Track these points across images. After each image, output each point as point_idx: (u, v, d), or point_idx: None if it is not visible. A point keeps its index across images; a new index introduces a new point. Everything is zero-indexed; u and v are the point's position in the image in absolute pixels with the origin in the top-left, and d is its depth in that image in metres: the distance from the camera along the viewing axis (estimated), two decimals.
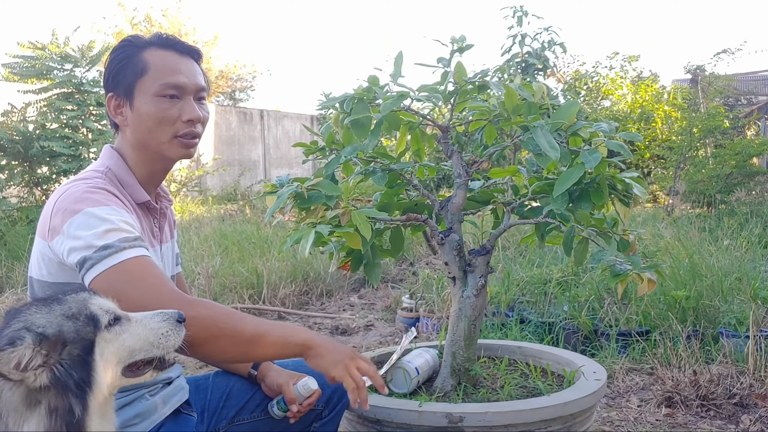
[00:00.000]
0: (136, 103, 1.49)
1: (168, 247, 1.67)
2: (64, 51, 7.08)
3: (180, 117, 1.50)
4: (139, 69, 1.49)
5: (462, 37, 1.88)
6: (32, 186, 6.95)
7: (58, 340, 1.03)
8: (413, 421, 1.68)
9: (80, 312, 1.08)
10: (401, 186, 2.04)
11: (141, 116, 1.49)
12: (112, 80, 1.52)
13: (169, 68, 1.50)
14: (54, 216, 1.35)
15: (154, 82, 1.49)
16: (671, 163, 8.92)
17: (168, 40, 1.55)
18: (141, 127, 1.50)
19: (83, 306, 1.10)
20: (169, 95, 1.50)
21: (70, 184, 1.41)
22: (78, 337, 1.05)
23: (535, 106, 1.81)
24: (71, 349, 1.03)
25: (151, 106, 1.49)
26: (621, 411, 2.69)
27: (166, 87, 1.49)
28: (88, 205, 1.33)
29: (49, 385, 1.00)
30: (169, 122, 1.50)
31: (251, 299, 4.78)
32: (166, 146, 1.52)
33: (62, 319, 1.05)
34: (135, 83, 1.49)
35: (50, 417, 1.00)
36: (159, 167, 1.57)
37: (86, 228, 1.30)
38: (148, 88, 1.49)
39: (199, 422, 1.63)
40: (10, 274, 5.21)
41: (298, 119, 17.30)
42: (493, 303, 3.82)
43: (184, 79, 1.51)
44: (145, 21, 19.21)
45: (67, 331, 1.04)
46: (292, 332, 1.42)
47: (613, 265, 1.83)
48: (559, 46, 8.88)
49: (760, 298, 3.44)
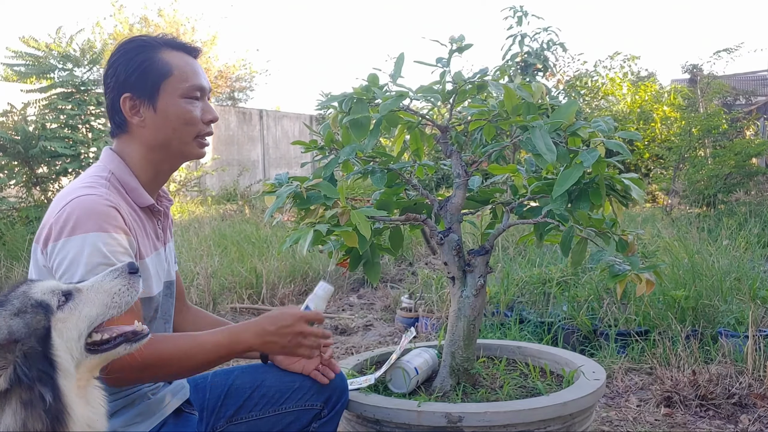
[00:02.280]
0: (161, 104, 1.51)
1: (170, 247, 1.69)
2: (66, 50, 7.07)
3: (202, 118, 1.56)
4: (164, 71, 1.51)
5: (461, 37, 1.88)
6: (31, 186, 6.94)
7: (10, 340, 1.03)
8: (412, 421, 1.68)
9: (25, 305, 1.08)
10: (400, 185, 2.04)
11: (167, 117, 1.52)
12: (125, 81, 1.51)
13: (191, 70, 1.55)
14: (54, 225, 1.36)
15: (181, 83, 1.52)
16: (670, 163, 8.92)
17: (178, 42, 1.58)
18: (165, 128, 1.52)
19: (26, 298, 1.09)
20: (194, 97, 1.55)
21: (75, 194, 1.40)
22: (30, 330, 1.05)
23: (534, 106, 1.81)
24: (24, 344, 1.03)
25: (179, 107, 1.52)
26: (620, 411, 2.69)
27: (193, 89, 1.54)
28: (88, 228, 1.34)
29: (10, 385, 1.00)
30: (194, 123, 1.55)
31: (250, 299, 4.78)
32: (189, 146, 1.56)
33: (9, 319, 1.05)
34: (160, 84, 1.51)
35: (24, 410, 1.00)
36: (167, 168, 1.60)
37: (79, 254, 1.32)
38: (174, 89, 1.52)
39: (198, 421, 1.63)
40: (9, 274, 5.20)
41: (298, 119, 17.30)
42: (492, 303, 3.82)
43: (204, 80, 1.58)
44: (141, 22, 19.18)
45: (17, 329, 1.04)
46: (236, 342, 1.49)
47: (612, 266, 1.84)
48: (559, 46, 8.88)
49: (759, 298, 3.44)
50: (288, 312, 1.55)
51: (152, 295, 1.52)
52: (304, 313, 1.56)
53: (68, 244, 1.33)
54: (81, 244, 1.32)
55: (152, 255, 1.54)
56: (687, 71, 13.82)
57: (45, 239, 1.37)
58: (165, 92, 1.52)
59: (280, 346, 1.52)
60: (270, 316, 1.54)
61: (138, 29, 18.79)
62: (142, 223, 1.52)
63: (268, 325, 1.51)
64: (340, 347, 3.78)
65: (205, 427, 1.64)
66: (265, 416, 1.66)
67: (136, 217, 1.50)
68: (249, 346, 1.50)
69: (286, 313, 1.54)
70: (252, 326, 1.52)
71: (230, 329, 1.53)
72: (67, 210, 1.36)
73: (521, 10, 8.72)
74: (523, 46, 8.80)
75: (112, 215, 1.38)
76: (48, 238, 1.36)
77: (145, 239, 1.51)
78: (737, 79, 16.34)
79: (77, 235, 1.33)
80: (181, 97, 1.53)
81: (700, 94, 10.49)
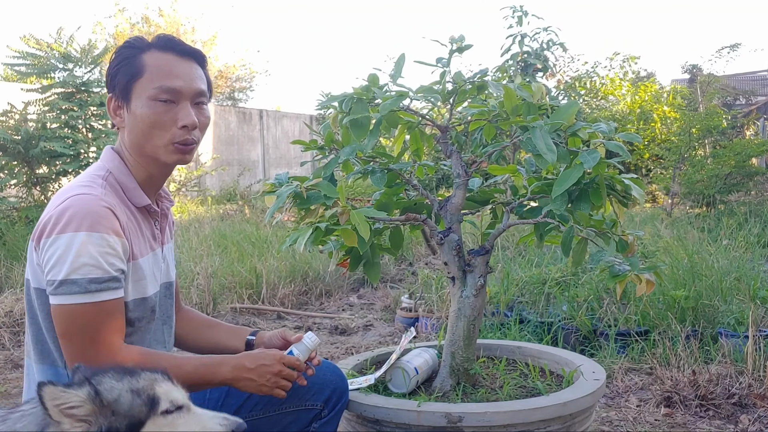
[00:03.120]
0: (133, 105, 1.49)
1: (168, 248, 1.68)
2: (67, 51, 7.07)
3: (176, 123, 1.48)
4: (135, 71, 1.48)
5: (461, 37, 1.88)
6: (31, 186, 6.94)
7: (110, 406, 1.05)
8: (412, 421, 1.68)
9: (144, 390, 1.10)
10: (400, 186, 2.04)
11: (136, 119, 1.48)
12: (111, 81, 1.52)
13: (165, 71, 1.48)
14: (48, 222, 1.37)
15: (149, 84, 1.47)
16: (670, 163, 8.92)
17: (168, 42, 1.52)
18: (136, 130, 1.49)
19: (150, 386, 1.12)
20: (162, 99, 1.47)
21: (71, 192, 1.40)
22: (129, 412, 1.07)
23: (534, 107, 1.81)
24: (117, 420, 1.05)
25: (145, 109, 1.47)
26: (620, 411, 2.69)
27: (161, 91, 1.47)
28: (80, 226, 1.34)
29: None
30: (163, 127, 1.48)
31: (250, 299, 4.78)
32: (162, 151, 1.50)
33: (125, 391, 1.08)
34: (131, 85, 1.48)
35: None
36: (156, 171, 1.56)
37: (67, 251, 1.32)
38: (143, 90, 1.47)
39: None
40: (9, 274, 5.20)
41: (298, 119, 17.30)
42: (492, 303, 3.82)
43: (180, 82, 1.49)
44: (142, 21, 19.21)
45: (123, 402, 1.07)
46: (213, 373, 1.47)
47: (612, 266, 1.84)
48: (558, 46, 8.87)
49: (759, 298, 3.44)
50: (269, 352, 1.53)
51: (147, 295, 1.52)
52: (286, 356, 1.54)
53: (58, 240, 1.33)
54: (70, 242, 1.33)
55: (147, 255, 1.53)
56: (687, 71, 13.82)
57: (38, 236, 1.38)
58: (135, 93, 1.48)
59: (257, 384, 1.50)
60: (250, 355, 1.53)
61: (139, 28, 18.81)
62: (138, 223, 1.52)
63: (248, 363, 1.49)
64: (340, 347, 3.78)
65: None
66: (265, 416, 1.66)
67: (132, 217, 1.50)
68: (224, 380, 1.49)
69: (267, 353, 1.53)
70: (231, 360, 1.50)
71: (211, 359, 1.51)
72: (61, 208, 1.36)
73: (521, 10, 8.71)
74: (522, 46, 8.79)
75: (106, 216, 1.38)
76: (41, 234, 1.37)
77: (140, 240, 1.51)
78: (737, 79, 16.34)
79: (68, 233, 1.33)
80: (150, 98, 1.47)
81: (699, 92, 10.49)
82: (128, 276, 1.45)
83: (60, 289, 1.33)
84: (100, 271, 1.35)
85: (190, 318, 1.84)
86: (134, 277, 1.47)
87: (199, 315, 1.88)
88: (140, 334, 1.52)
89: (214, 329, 1.80)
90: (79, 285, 1.33)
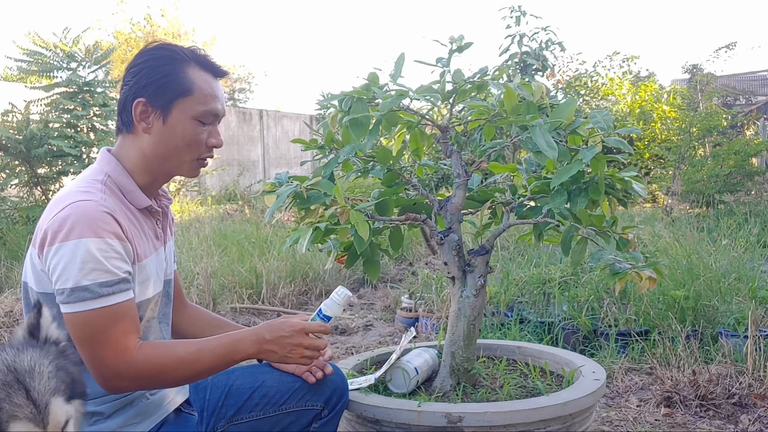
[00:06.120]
0: (172, 119, 1.50)
1: (170, 245, 1.69)
2: (71, 50, 7.07)
3: (206, 142, 1.55)
4: (184, 88, 1.50)
5: (460, 37, 1.88)
6: (32, 186, 6.94)
7: None
8: (412, 421, 1.68)
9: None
10: (400, 185, 2.04)
11: (174, 133, 1.51)
12: (149, 88, 1.50)
13: (210, 94, 1.53)
14: (50, 229, 1.36)
15: (197, 105, 1.51)
16: (669, 163, 8.92)
17: (207, 61, 1.57)
18: (169, 143, 1.51)
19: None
20: (204, 121, 1.53)
21: (71, 198, 1.40)
22: None
23: (533, 106, 1.81)
24: None
25: (187, 127, 1.51)
26: (620, 411, 2.69)
27: (207, 114, 1.53)
28: (82, 233, 1.34)
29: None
30: (197, 145, 1.54)
31: (250, 299, 4.77)
32: (186, 166, 1.56)
33: None
34: (176, 100, 1.50)
35: None
36: (163, 178, 1.59)
37: (73, 259, 1.33)
38: (188, 109, 1.51)
39: (198, 422, 1.64)
40: (9, 274, 5.20)
41: (298, 119, 17.30)
42: (492, 303, 3.82)
43: (220, 107, 1.56)
44: (144, 21, 19.22)
45: None
46: (234, 351, 1.48)
47: (612, 264, 1.83)
48: (557, 46, 8.87)
49: (759, 297, 3.44)
50: (288, 322, 1.53)
51: (150, 296, 1.52)
52: (306, 324, 1.54)
53: (63, 248, 1.33)
54: (75, 249, 1.33)
55: (152, 256, 1.54)
56: (687, 71, 13.82)
57: (41, 243, 1.38)
58: (179, 109, 1.50)
59: (279, 355, 1.51)
60: (269, 325, 1.53)
61: (141, 27, 18.83)
62: (140, 224, 1.52)
63: (267, 334, 1.50)
64: (340, 347, 3.78)
65: (206, 427, 1.64)
66: (265, 417, 1.65)
67: (133, 219, 1.50)
68: (247, 355, 1.49)
69: (285, 323, 1.53)
70: (250, 335, 1.50)
71: (229, 338, 1.51)
72: (62, 215, 1.36)
73: (519, 10, 8.71)
74: (521, 46, 8.78)
75: (107, 221, 1.38)
76: (44, 243, 1.37)
77: (143, 241, 1.51)
78: (737, 79, 16.35)
79: (71, 240, 1.33)
80: (194, 118, 1.51)
81: (698, 90, 10.50)
82: (134, 278, 1.45)
83: (72, 297, 1.33)
84: (109, 274, 1.35)
85: (199, 317, 1.84)
86: (139, 278, 1.47)
87: (208, 314, 1.88)
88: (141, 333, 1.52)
89: (223, 329, 1.79)
90: (91, 291, 1.33)
